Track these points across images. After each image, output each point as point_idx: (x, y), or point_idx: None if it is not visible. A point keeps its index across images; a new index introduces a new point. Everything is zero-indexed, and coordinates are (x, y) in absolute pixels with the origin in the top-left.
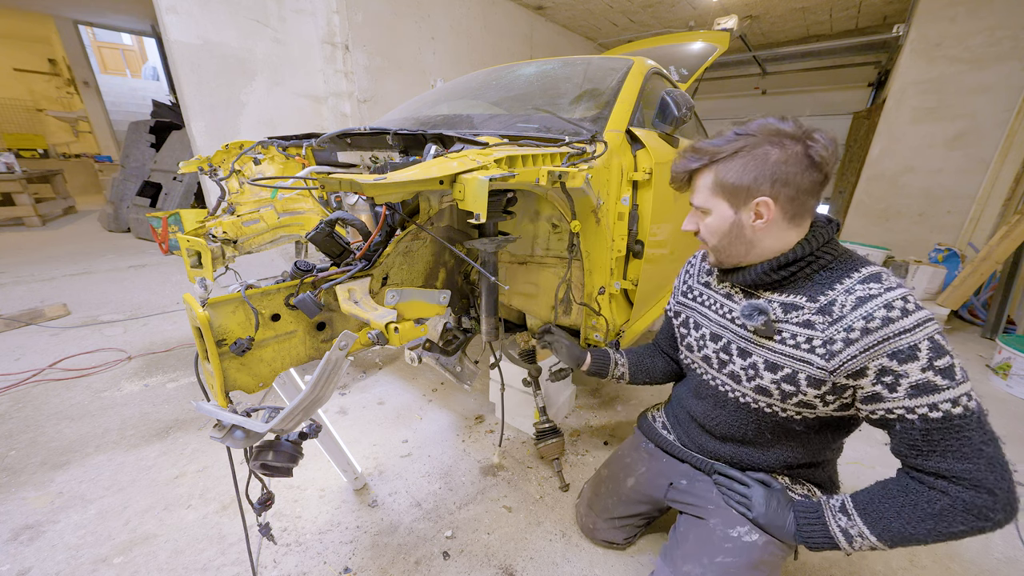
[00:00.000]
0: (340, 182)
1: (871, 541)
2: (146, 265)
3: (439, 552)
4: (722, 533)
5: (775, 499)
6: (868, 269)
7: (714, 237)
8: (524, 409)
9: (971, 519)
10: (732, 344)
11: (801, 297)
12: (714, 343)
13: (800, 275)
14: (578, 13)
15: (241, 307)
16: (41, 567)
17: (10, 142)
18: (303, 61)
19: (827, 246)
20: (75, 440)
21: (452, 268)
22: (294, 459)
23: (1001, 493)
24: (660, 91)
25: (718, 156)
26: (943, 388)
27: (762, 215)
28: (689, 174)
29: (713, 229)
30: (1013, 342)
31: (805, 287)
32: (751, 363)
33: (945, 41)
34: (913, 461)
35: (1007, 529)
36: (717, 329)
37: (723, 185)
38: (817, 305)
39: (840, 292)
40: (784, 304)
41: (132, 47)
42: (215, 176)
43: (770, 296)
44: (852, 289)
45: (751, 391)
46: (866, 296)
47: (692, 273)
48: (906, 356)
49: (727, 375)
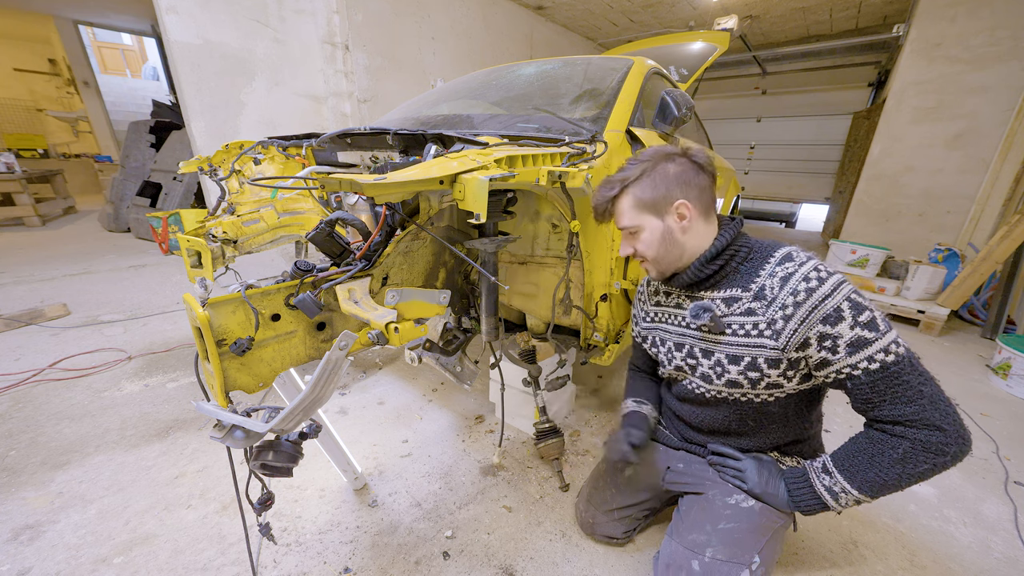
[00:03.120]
0: (340, 182)
1: (854, 495)
2: (146, 265)
3: (439, 552)
4: (721, 502)
5: (767, 470)
6: (780, 252)
7: (651, 249)
8: (524, 409)
9: (931, 456)
10: (695, 348)
11: (736, 289)
12: (679, 351)
13: (727, 269)
14: (578, 13)
15: (241, 307)
16: (41, 567)
17: (10, 142)
18: (303, 61)
19: (739, 239)
20: (75, 440)
21: (452, 268)
22: (294, 459)
23: (950, 428)
24: (660, 91)
25: (628, 181)
26: (872, 341)
27: (684, 215)
28: (608, 202)
29: (649, 242)
30: (1013, 342)
31: (736, 280)
32: (716, 361)
33: (945, 41)
34: (872, 414)
35: (1007, 529)
36: (678, 339)
37: (643, 202)
38: (751, 293)
39: (765, 277)
40: (725, 299)
41: (132, 47)
42: (215, 176)
43: (711, 295)
44: (773, 272)
45: (723, 386)
46: (786, 275)
47: (643, 299)
48: (835, 318)
49: (699, 377)
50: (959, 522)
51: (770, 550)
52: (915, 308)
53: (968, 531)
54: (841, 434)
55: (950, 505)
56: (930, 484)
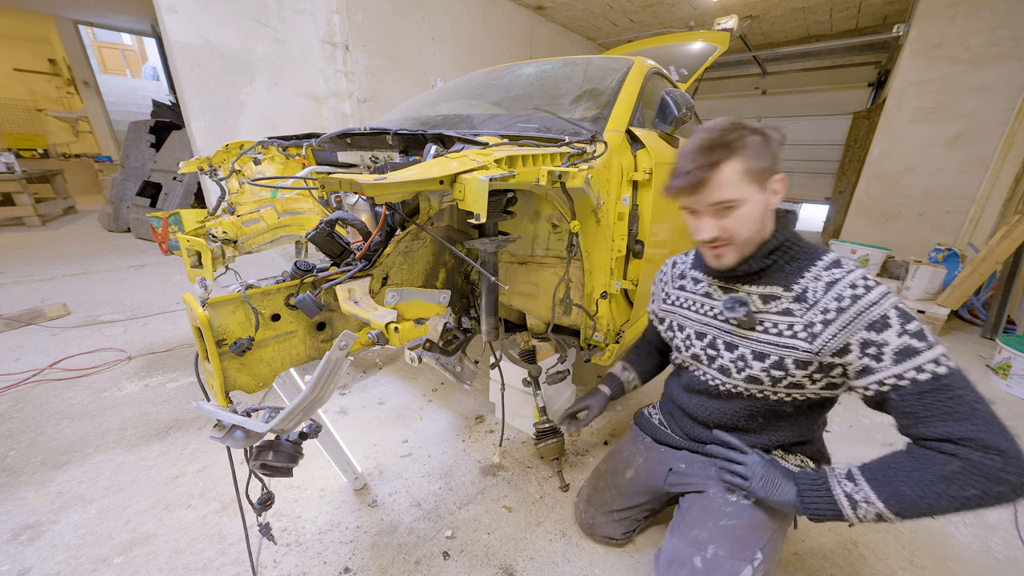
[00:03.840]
0: (340, 182)
1: (877, 508)
2: (146, 265)
3: (439, 552)
4: (723, 499)
5: (773, 467)
6: (828, 257)
7: (745, 228)
8: (524, 409)
9: (983, 482)
10: (718, 339)
11: (777, 287)
12: (700, 340)
13: (775, 266)
14: (578, 13)
15: (241, 307)
16: (41, 567)
17: (10, 142)
18: (303, 61)
19: (794, 236)
20: (75, 440)
21: (452, 268)
22: (294, 459)
23: (1011, 452)
24: (660, 91)
25: (737, 145)
26: (922, 350)
27: (778, 191)
28: (707, 170)
29: (746, 219)
30: (1013, 342)
31: (778, 278)
32: (739, 355)
33: (945, 41)
34: (918, 431)
35: (1007, 529)
36: (700, 327)
37: (752, 171)
38: (792, 294)
39: (810, 280)
40: (763, 295)
41: (132, 47)
42: (215, 176)
43: (748, 289)
44: (819, 276)
45: (742, 381)
46: (833, 280)
47: (665, 280)
48: (880, 325)
49: (716, 369)
50: (959, 522)
51: (772, 547)
52: (915, 308)
53: (968, 531)
54: (841, 434)
55: None
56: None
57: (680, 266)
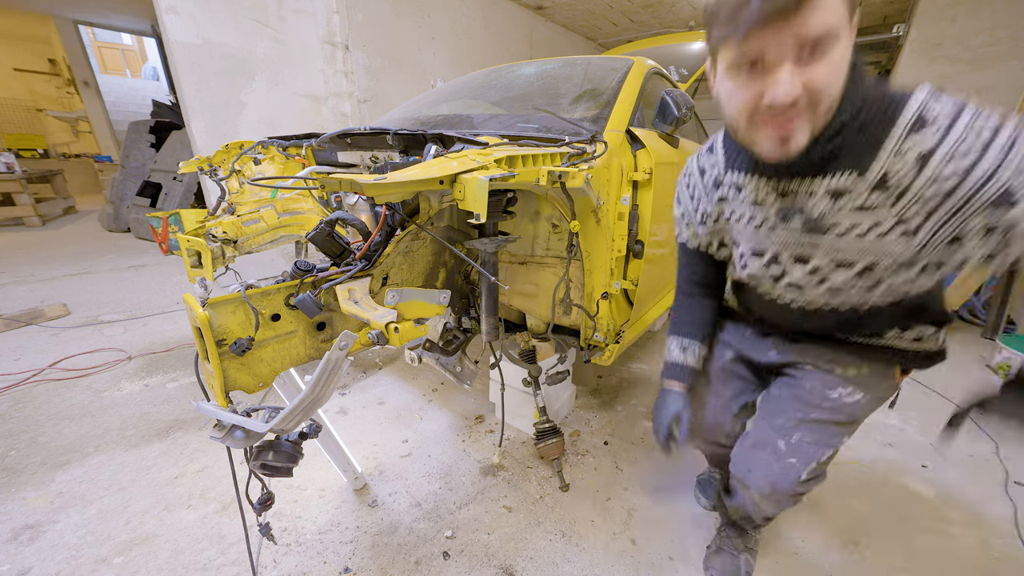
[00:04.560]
0: (340, 182)
1: None
2: (146, 265)
3: (439, 552)
4: (820, 394)
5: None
6: (910, 108)
7: (837, 81)
8: (524, 409)
9: None
10: (782, 254)
11: (846, 174)
12: (758, 258)
13: (844, 145)
14: (578, 13)
15: (241, 307)
16: (41, 567)
17: (10, 142)
18: (303, 61)
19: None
20: (75, 440)
21: (452, 268)
22: (294, 459)
23: None
24: (660, 91)
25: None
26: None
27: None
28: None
29: (841, 68)
30: (1013, 342)
31: (847, 158)
32: (813, 268)
33: (945, 41)
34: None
35: (1007, 529)
36: (755, 244)
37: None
38: (867, 182)
39: (889, 155)
40: (830, 191)
41: (132, 47)
42: (215, 176)
43: (810, 186)
44: (902, 149)
45: (823, 294)
46: (927, 151)
47: (694, 194)
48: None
49: (785, 286)
50: (959, 522)
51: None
52: None
53: (968, 531)
54: None
55: (950, 505)
56: (930, 484)
57: (711, 171)
